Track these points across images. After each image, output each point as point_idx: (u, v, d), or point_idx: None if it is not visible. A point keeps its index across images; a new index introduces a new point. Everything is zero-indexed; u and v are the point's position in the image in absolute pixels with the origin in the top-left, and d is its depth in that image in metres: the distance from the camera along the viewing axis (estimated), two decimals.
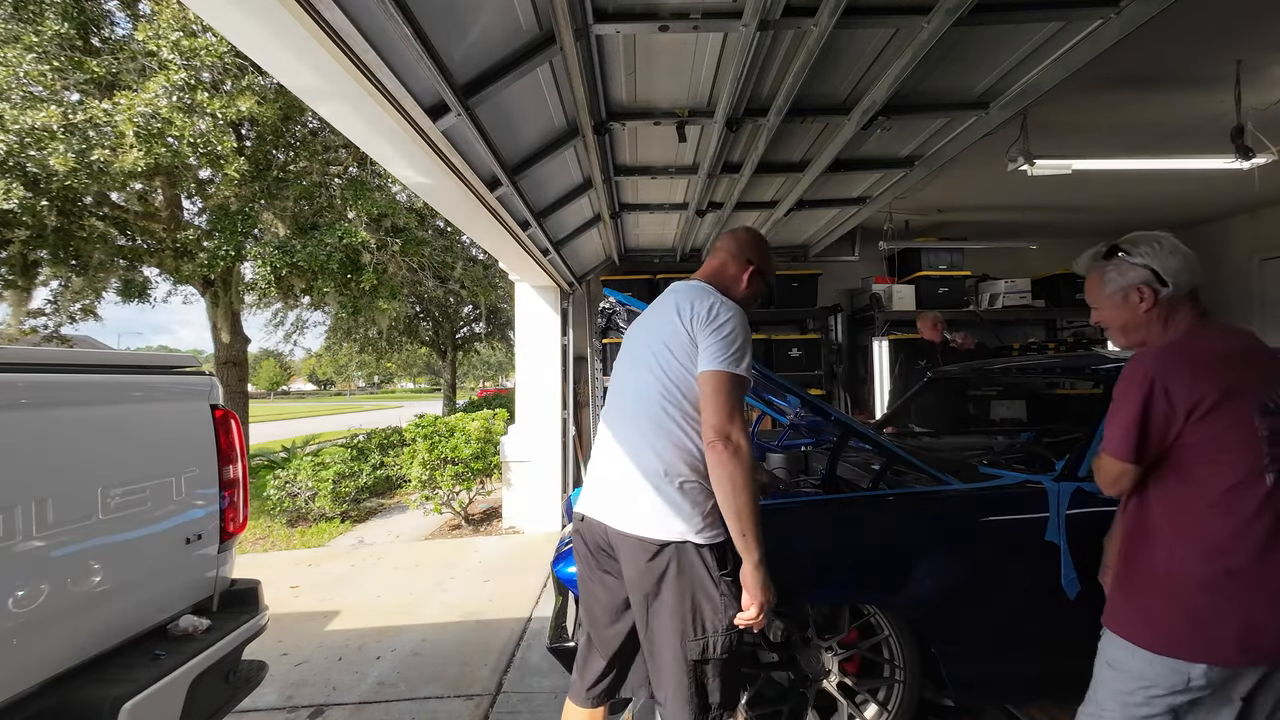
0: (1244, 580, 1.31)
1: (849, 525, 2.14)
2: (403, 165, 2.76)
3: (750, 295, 1.79)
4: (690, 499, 1.52)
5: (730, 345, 1.52)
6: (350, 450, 7.44)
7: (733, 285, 1.76)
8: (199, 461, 2.17)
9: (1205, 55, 2.84)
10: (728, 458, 1.45)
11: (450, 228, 10.30)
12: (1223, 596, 1.31)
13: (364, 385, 53.68)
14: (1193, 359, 1.35)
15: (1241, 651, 1.30)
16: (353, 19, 1.76)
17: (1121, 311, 1.47)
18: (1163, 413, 1.33)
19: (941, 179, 4.07)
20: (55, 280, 8.26)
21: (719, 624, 1.49)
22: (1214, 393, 1.30)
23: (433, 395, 49.27)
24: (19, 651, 1.52)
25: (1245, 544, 1.30)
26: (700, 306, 1.58)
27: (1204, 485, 1.33)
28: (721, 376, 1.49)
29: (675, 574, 1.50)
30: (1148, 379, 1.33)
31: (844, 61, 2.58)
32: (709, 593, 1.50)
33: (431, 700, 2.78)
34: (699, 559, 1.50)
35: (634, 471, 1.56)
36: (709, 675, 1.51)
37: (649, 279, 5.83)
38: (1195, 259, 1.42)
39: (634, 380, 1.66)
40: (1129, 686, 1.39)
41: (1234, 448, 1.31)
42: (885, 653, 2.13)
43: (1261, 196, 5.01)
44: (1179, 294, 1.40)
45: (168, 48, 6.16)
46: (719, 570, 1.51)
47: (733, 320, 1.56)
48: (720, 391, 1.48)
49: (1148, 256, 1.42)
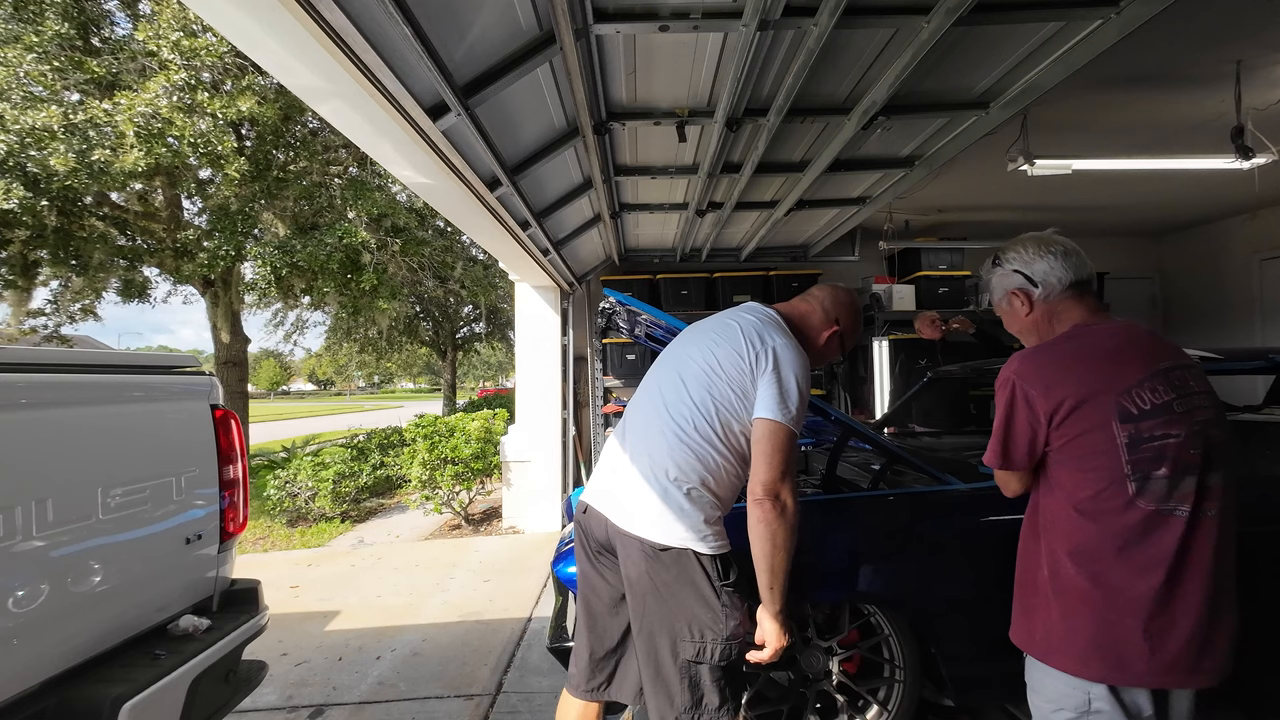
0: (1120, 595, 1.24)
1: (849, 525, 2.14)
2: (403, 165, 2.76)
3: (824, 354, 1.75)
4: (698, 507, 1.50)
5: (793, 397, 1.48)
6: (350, 450, 7.44)
7: (812, 336, 1.72)
8: (199, 461, 2.17)
9: (1205, 55, 2.84)
10: (774, 517, 1.43)
11: (450, 228, 10.30)
12: (1105, 611, 1.25)
13: (364, 385, 53.67)
14: (1053, 363, 1.30)
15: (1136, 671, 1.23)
16: (353, 19, 1.76)
17: (1011, 318, 1.47)
18: (1025, 419, 1.30)
19: (941, 179, 4.06)
20: (55, 280, 8.27)
21: (719, 631, 1.47)
22: (1072, 397, 1.25)
23: (433, 395, 49.27)
24: (19, 651, 1.51)
25: (1115, 556, 1.24)
26: (771, 343, 1.53)
27: (1071, 492, 1.28)
28: (780, 430, 1.45)
29: (674, 579, 1.49)
30: (1009, 385, 1.32)
31: (844, 61, 2.58)
32: (708, 600, 1.48)
33: (432, 700, 2.78)
34: (699, 566, 1.49)
35: (647, 473, 1.54)
36: (703, 677, 1.49)
37: (649, 279, 5.83)
38: (1070, 253, 1.38)
39: (673, 387, 1.61)
40: (1044, 711, 1.35)
41: (1095, 454, 1.25)
42: (885, 653, 2.13)
43: (1261, 196, 5.01)
44: (1052, 293, 1.38)
45: (168, 48, 6.16)
46: (720, 580, 1.49)
47: (801, 371, 1.52)
48: (777, 446, 1.45)
49: (1015, 261, 1.42)
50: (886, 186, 4.10)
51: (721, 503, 1.56)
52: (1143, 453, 1.22)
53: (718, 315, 1.74)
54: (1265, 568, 2.04)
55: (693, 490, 1.51)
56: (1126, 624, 1.24)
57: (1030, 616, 1.37)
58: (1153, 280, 6.63)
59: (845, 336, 1.75)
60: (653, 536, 1.50)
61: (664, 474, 1.52)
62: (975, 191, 4.91)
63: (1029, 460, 1.33)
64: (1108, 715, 1.25)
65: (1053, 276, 1.37)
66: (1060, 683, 1.29)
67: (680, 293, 5.78)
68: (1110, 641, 1.24)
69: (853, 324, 1.76)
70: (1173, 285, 6.55)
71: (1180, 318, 6.45)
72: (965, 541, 2.08)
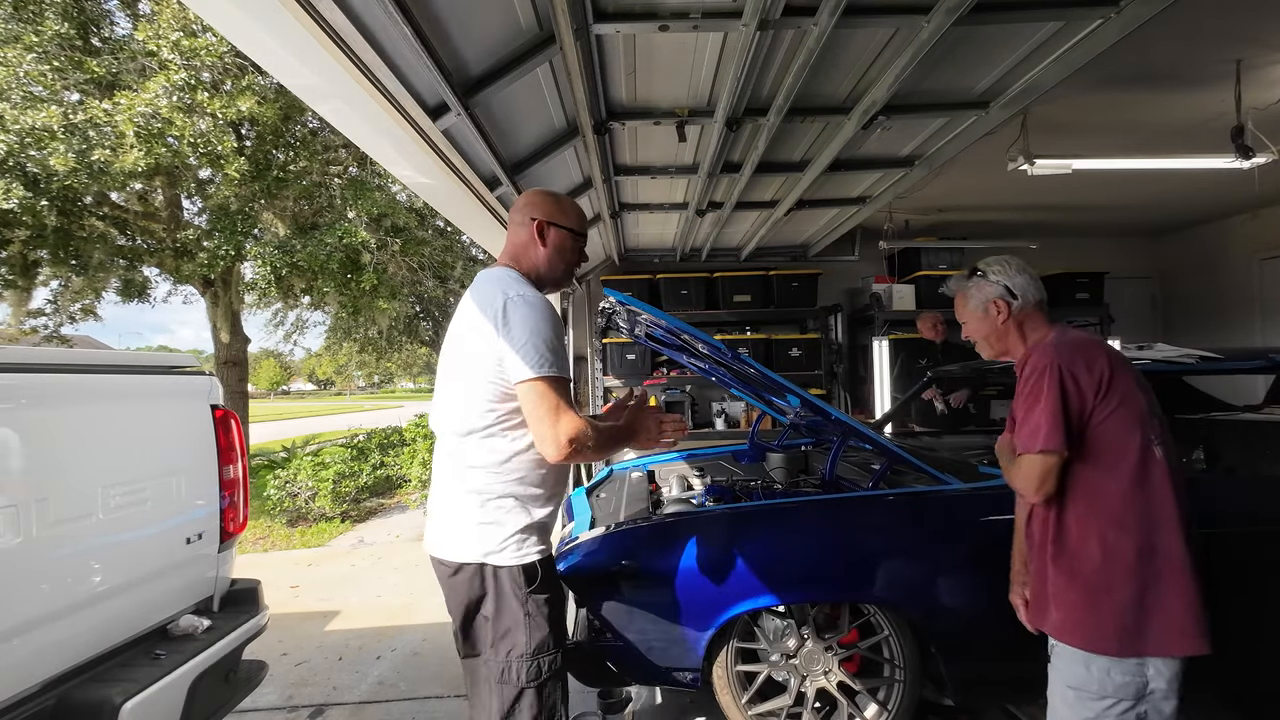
0: (1166, 559, 1.36)
1: (849, 525, 2.14)
2: (403, 165, 2.76)
3: (555, 254, 1.62)
4: (493, 518, 1.46)
5: (535, 344, 1.40)
6: (350, 450, 7.44)
7: (530, 253, 1.62)
8: (199, 461, 2.17)
9: (1205, 55, 2.83)
10: (579, 457, 1.41)
11: (450, 227, 10.30)
12: (1154, 579, 1.36)
13: (364, 385, 53.65)
14: (1079, 348, 1.47)
15: (1194, 635, 1.33)
16: (353, 19, 1.76)
17: (984, 324, 1.65)
18: (1076, 397, 1.42)
19: (941, 179, 4.06)
20: (55, 280, 8.26)
21: (525, 647, 1.44)
22: (1108, 371, 1.42)
23: (433, 395, 49.18)
24: (19, 651, 1.52)
25: (1158, 520, 1.38)
26: (493, 306, 1.45)
27: (1113, 467, 1.41)
28: (537, 385, 1.39)
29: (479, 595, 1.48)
30: (1056, 369, 1.43)
31: (844, 61, 2.57)
32: (515, 615, 1.45)
33: (432, 700, 2.78)
34: (507, 579, 1.46)
35: (445, 490, 1.53)
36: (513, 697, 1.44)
37: (649, 279, 5.83)
38: (1036, 277, 1.63)
39: (445, 393, 1.57)
40: (1095, 710, 1.38)
41: (1129, 426, 1.41)
42: (885, 652, 2.13)
43: (1261, 196, 5.00)
44: (1027, 305, 1.60)
45: (168, 48, 6.16)
46: (525, 589, 1.46)
47: (527, 314, 1.42)
48: (541, 399, 1.39)
49: (1000, 275, 1.62)
50: (886, 186, 4.09)
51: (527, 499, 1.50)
52: (1156, 421, 1.43)
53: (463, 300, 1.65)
54: (1267, 568, 2.04)
55: (489, 501, 1.47)
56: (1178, 588, 1.35)
57: (1074, 610, 1.42)
58: (1152, 280, 6.62)
59: (555, 220, 1.61)
60: (450, 555, 1.49)
61: (458, 488, 1.50)
62: (975, 191, 4.91)
63: (1077, 440, 1.42)
64: (1161, 695, 1.35)
65: (1029, 292, 1.60)
66: (1117, 673, 1.36)
67: (680, 292, 5.78)
68: (1178, 608, 1.34)
69: (548, 209, 1.61)
70: (1173, 285, 6.55)
71: (1180, 318, 6.45)
72: (965, 541, 2.08)
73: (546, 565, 1.52)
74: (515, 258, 1.63)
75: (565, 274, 1.67)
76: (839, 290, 6.16)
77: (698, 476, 3.08)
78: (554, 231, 1.62)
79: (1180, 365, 2.23)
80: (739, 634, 2.13)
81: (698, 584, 2.06)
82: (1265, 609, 2.01)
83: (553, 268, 1.63)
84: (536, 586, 1.47)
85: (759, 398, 3.09)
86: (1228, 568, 2.04)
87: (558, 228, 1.62)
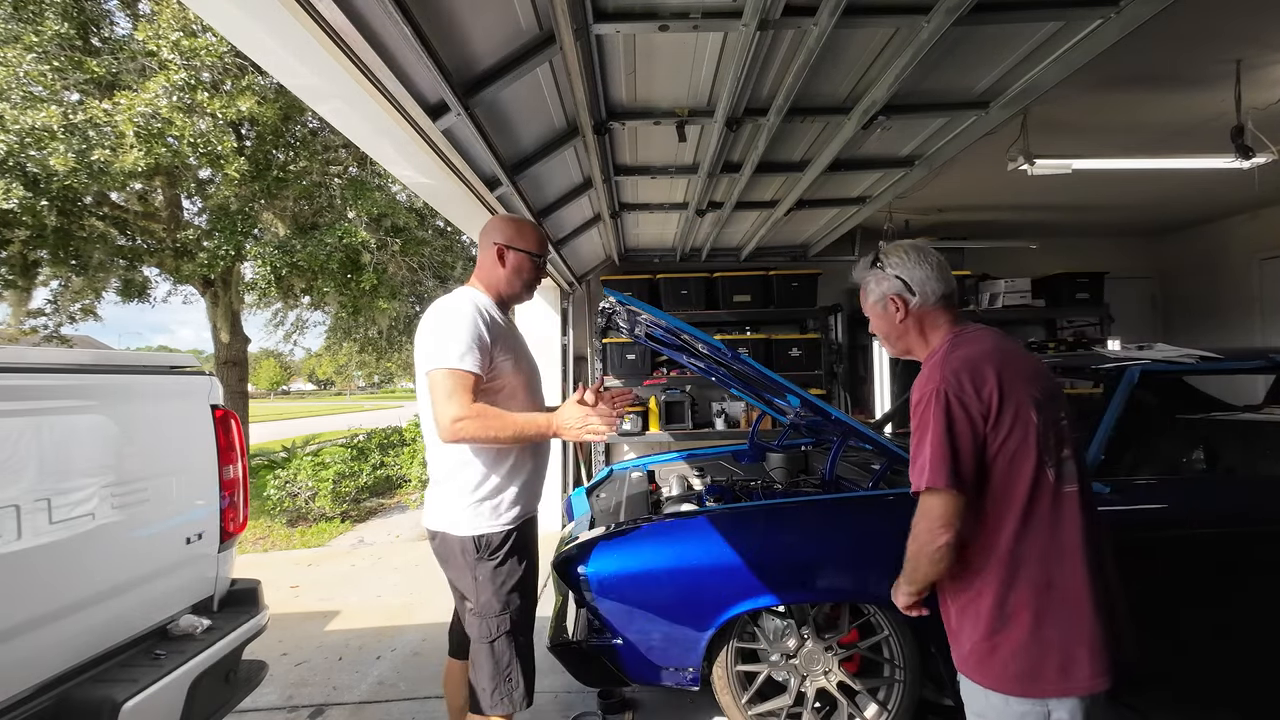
0: (1063, 594, 1.24)
1: (849, 525, 2.14)
2: (403, 165, 2.76)
3: (514, 274, 1.85)
4: (454, 493, 1.73)
5: (438, 344, 1.65)
6: (350, 450, 7.45)
7: (493, 274, 1.85)
8: (199, 461, 2.17)
9: (1205, 55, 2.83)
10: (466, 437, 1.61)
11: (450, 227, 10.30)
12: (1050, 616, 1.24)
13: (364, 385, 53.64)
14: (967, 364, 1.29)
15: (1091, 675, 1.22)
16: (353, 19, 1.76)
17: (883, 321, 1.49)
18: (965, 424, 1.25)
19: (941, 179, 4.06)
20: (55, 280, 8.26)
21: (491, 605, 1.70)
22: (996, 394, 1.25)
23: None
24: (19, 651, 1.52)
25: (1056, 552, 1.24)
26: (425, 320, 1.73)
27: (1004, 498, 1.26)
28: (432, 377, 1.64)
29: (447, 558, 1.76)
30: (942, 397, 1.27)
31: (844, 61, 2.57)
32: (475, 575, 1.71)
33: (432, 700, 2.78)
34: (460, 547, 1.72)
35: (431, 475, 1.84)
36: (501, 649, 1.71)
37: (649, 279, 5.83)
38: (943, 266, 1.42)
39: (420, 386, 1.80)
40: None
41: (1021, 453, 1.25)
42: (885, 652, 2.13)
43: (1261, 196, 5.00)
44: (927, 303, 1.41)
45: (168, 48, 6.16)
46: (475, 555, 1.71)
47: (438, 320, 1.69)
48: (434, 389, 1.63)
49: (897, 267, 1.43)
50: (886, 186, 4.09)
51: (481, 476, 1.73)
52: (1051, 438, 1.26)
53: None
54: (1267, 568, 2.04)
55: (450, 484, 1.74)
56: (1076, 624, 1.23)
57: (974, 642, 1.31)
58: (1152, 280, 6.62)
59: (513, 244, 1.82)
60: (428, 524, 1.82)
61: (435, 474, 1.80)
62: (975, 191, 4.91)
63: (972, 479, 1.26)
64: None
65: (928, 287, 1.41)
66: (1016, 703, 1.25)
67: (680, 292, 5.78)
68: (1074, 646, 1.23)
69: (507, 234, 1.84)
70: (1173, 285, 6.55)
71: (1180, 318, 6.45)
72: None
73: (497, 537, 1.74)
74: (480, 278, 1.86)
75: (524, 290, 1.89)
76: (839, 290, 6.16)
77: (698, 476, 3.08)
78: (513, 254, 1.83)
79: (1180, 365, 2.23)
80: (739, 634, 2.13)
81: (698, 584, 2.06)
82: (1267, 608, 2.01)
83: (511, 286, 1.86)
84: (484, 555, 1.71)
85: (759, 398, 3.09)
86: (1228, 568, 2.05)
87: (516, 251, 1.83)
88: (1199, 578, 2.05)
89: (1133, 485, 2.13)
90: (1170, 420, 2.97)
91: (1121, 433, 2.15)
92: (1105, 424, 2.09)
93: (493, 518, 1.73)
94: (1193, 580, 2.05)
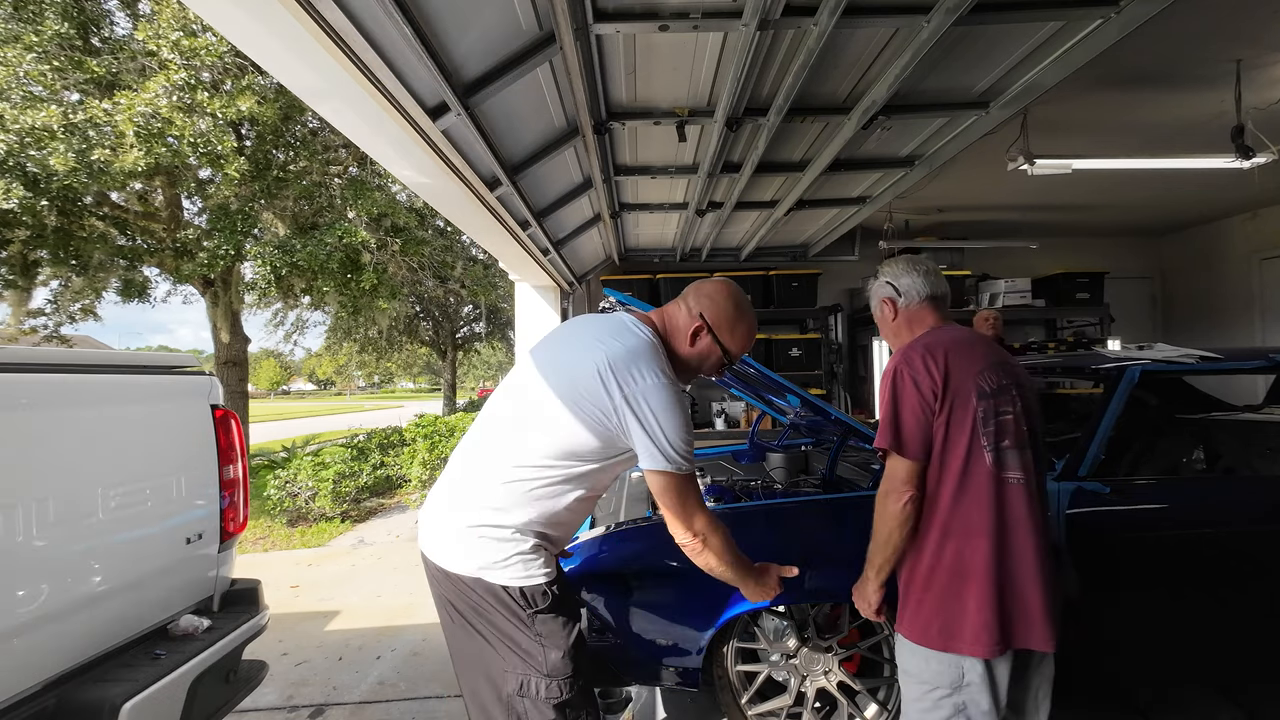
0: (972, 566, 1.43)
1: (849, 525, 2.14)
2: (403, 165, 2.76)
3: (695, 357, 1.53)
4: (505, 536, 1.40)
5: (670, 437, 1.35)
6: (350, 450, 7.44)
7: (678, 340, 1.52)
8: (199, 461, 2.17)
9: (1205, 55, 2.83)
10: (700, 551, 1.44)
11: (450, 227, 10.30)
12: (961, 584, 1.44)
13: (364, 385, 53.66)
14: (924, 350, 1.51)
15: (998, 640, 1.40)
16: (353, 19, 1.76)
17: (881, 322, 1.73)
18: (915, 399, 1.46)
19: (941, 179, 4.06)
20: (55, 280, 8.26)
21: (539, 665, 1.38)
22: (941, 377, 1.46)
23: (433, 395, 49.21)
24: (19, 651, 1.52)
25: (980, 525, 1.43)
26: (640, 383, 1.35)
27: (946, 468, 1.46)
28: (674, 479, 1.36)
29: (481, 609, 1.41)
30: (899, 373, 1.50)
31: (844, 61, 2.57)
32: (519, 631, 1.39)
33: (432, 700, 2.78)
34: (507, 598, 1.39)
35: (467, 507, 1.43)
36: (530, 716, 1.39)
37: (649, 278, 5.83)
38: (930, 273, 1.66)
39: (513, 417, 1.47)
40: (917, 693, 1.50)
41: (959, 431, 1.45)
42: (885, 652, 2.13)
43: (1261, 196, 5.01)
44: (912, 303, 1.65)
45: (168, 47, 6.16)
46: (526, 610, 1.38)
47: (663, 404, 1.35)
48: (672, 492, 1.37)
49: (887, 274, 1.69)
50: (886, 186, 4.10)
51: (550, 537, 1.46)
52: (993, 426, 1.45)
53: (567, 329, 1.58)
54: (1267, 569, 2.04)
55: (517, 532, 1.40)
56: (995, 593, 1.42)
57: (908, 599, 1.54)
58: (1152, 280, 6.63)
59: (718, 333, 1.51)
60: (458, 569, 1.41)
61: (485, 509, 1.40)
62: (975, 191, 4.91)
63: (923, 446, 1.46)
64: (976, 688, 1.43)
65: (913, 289, 1.65)
66: (935, 662, 1.46)
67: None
68: (980, 613, 1.41)
69: (719, 317, 1.51)
70: (1173, 285, 6.55)
71: (1180, 318, 6.45)
72: None
73: (552, 587, 1.44)
74: (665, 329, 1.53)
75: (689, 376, 1.59)
76: (839, 290, 6.17)
77: (698, 476, 3.08)
78: (708, 340, 1.51)
79: (1180, 365, 2.23)
80: (739, 634, 2.13)
81: (698, 584, 2.05)
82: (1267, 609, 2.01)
83: (685, 367, 1.55)
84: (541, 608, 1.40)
85: (759, 398, 3.09)
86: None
87: (715, 340, 1.52)
88: (1199, 578, 2.05)
89: (1132, 485, 2.13)
90: (1170, 420, 2.97)
91: (1121, 433, 2.15)
92: (1105, 424, 2.09)
93: (546, 564, 1.44)
94: (1192, 580, 2.05)
